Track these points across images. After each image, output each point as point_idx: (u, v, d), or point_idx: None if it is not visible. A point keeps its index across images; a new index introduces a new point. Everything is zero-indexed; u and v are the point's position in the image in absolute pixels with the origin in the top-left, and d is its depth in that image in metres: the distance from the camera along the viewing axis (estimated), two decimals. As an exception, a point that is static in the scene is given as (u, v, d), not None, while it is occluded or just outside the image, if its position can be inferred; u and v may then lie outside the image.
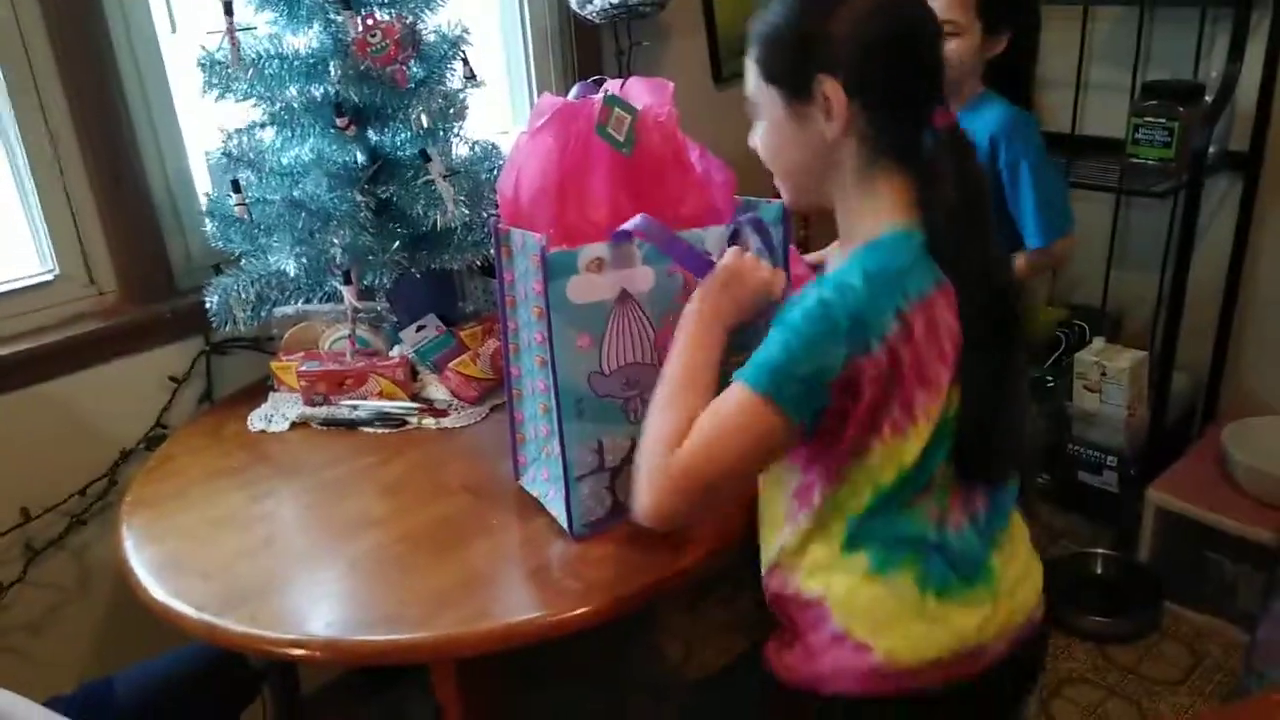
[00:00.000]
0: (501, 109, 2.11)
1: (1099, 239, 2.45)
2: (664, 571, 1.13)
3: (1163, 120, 2.09)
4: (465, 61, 1.56)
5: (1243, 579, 2.05)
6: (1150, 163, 2.12)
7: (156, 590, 1.17)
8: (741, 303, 1.07)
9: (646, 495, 0.96)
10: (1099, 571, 2.22)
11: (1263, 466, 1.99)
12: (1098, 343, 2.27)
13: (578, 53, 2.11)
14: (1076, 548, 2.29)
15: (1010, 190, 1.69)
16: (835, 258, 1.07)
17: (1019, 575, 1.08)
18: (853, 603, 1.01)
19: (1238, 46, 2.05)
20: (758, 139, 1.06)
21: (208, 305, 1.53)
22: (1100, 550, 2.24)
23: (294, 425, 1.52)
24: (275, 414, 1.55)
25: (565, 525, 1.19)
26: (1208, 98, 2.10)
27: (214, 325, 1.55)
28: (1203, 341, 2.32)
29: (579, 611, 1.07)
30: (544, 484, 1.25)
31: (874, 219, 0.99)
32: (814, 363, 0.91)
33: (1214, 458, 2.13)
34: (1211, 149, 2.05)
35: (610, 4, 1.96)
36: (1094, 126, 2.38)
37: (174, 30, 1.57)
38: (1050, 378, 2.29)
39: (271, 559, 1.21)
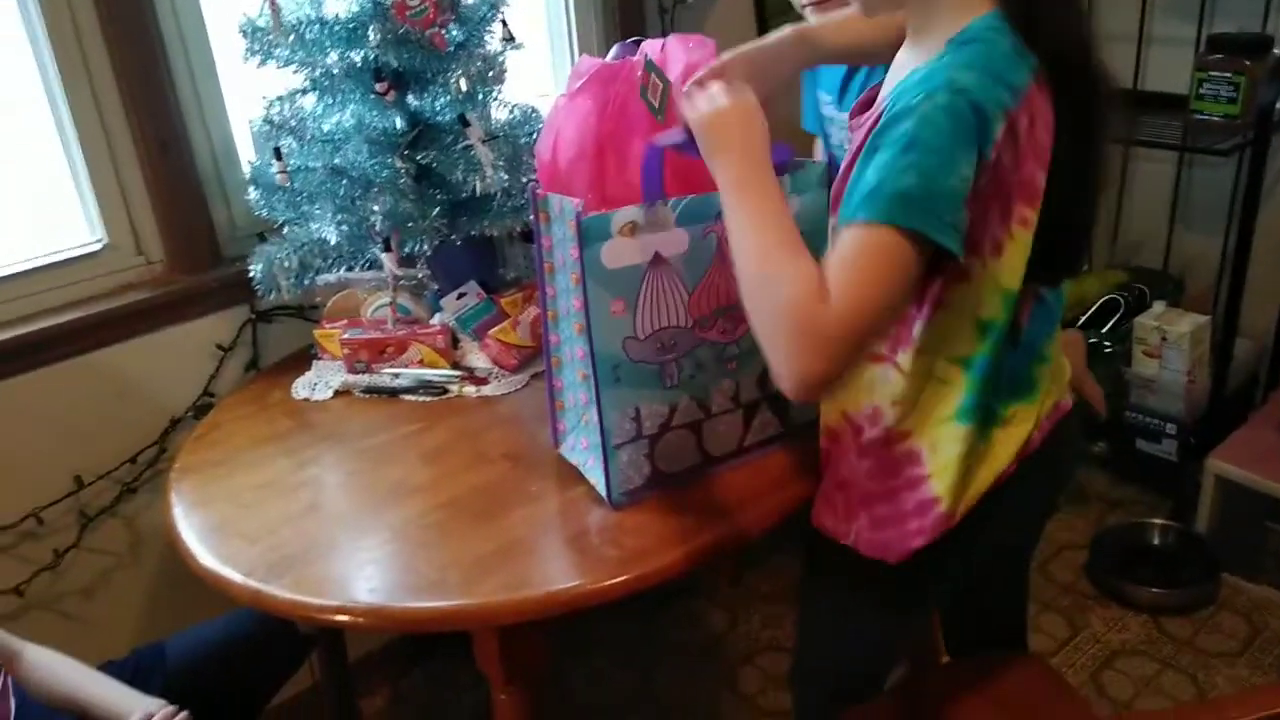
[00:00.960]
0: (543, 71, 2.09)
1: (1161, 199, 2.37)
2: (700, 540, 1.11)
3: (1228, 75, 1.99)
4: (504, 23, 1.53)
5: (1306, 551, 1.99)
6: (1215, 119, 2.03)
7: (204, 556, 1.18)
8: (766, 137, 0.96)
9: (802, 362, 0.84)
10: (1155, 542, 2.17)
11: (1330, 435, 1.92)
12: (1158, 306, 2.20)
13: (620, 13, 2.07)
14: (1133, 518, 2.24)
15: None
16: (901, 65, 0.97)
17: (1055, 374, 1.08)
18: (944, 451, 1.00)
19: (1311, -5, 1.95)
20: None
21: (252, 274, 1.54)
22: (1157, 520, 2.19)
23: (337, 393, 1.53)
24: (319, 382, 1.56)
25: (604, 493, 1.18)
26: (1277, 50, 2.00)
27: (259, 294, 1.56)
28: (1268, 306, 2.24)
29: (618, 580, 1.07)
30: (583, 452, 1.24)
31: (956, 9, 0.90)
32: (955, 175, 0.83)
33: (1277, 426, 2.06)
34: (1279, 104, 1.96)
35: (653, -37, 1.92)
36: (1156, 82, 2.29)
37: (215, -5, 1.56)
38: (1109, 343, 2.22)
39: (316, 525, 1.22)
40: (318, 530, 1.21)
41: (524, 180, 1.54)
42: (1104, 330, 2.26)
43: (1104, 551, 2.13)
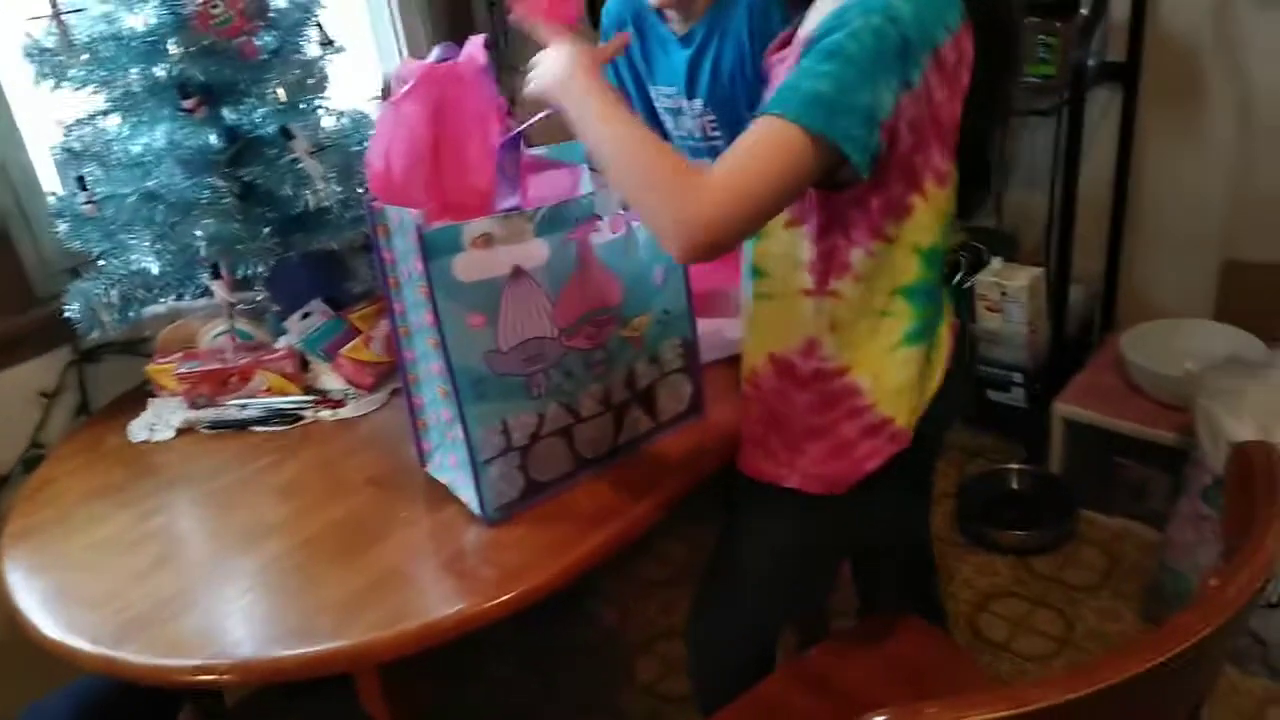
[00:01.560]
0: (371, 74, 2.00)
1: (989, 159, 2.47)
2: (583, 547, 1.09)
3: (1042, 37, 2.09)
4: (320, 27, 1.46)
5: (1151, 481, 2.12)
6: (1033, 80, 2.13)
7: (47, 626, 1.08)
8: (586, 54, 0.99)
9: (687, 212, 0.86)
10: (1015, 486, 2.27)
11: (1160, 369, 2.05)
12: (996, 263, 2.30)
13: (447, 11, 2.01)
14: (992, 464, 2.34)
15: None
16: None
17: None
18: (889, 379, 1.03)
19: (1107, -44, 2.06)
20: None
21: (69, 313, 1.42)
22: (1014, 466, 2.29)
23: (179, 432, 1.43)
24: (158, 422, 1.45)
25: (477, 510, 1.14)
26: (1083, 10, 2.10)
27: (80, 333, 1.44)
28: (1095, 253, 2.37)
29: (499, 600, 1.03)
30: (451, 470, 1.19)
31: None
32: (872, 94, 0.85)
33: (1114, 366, 2.19)
34: (1090, 62, 2.07)
35: (475, -45, 1.86)
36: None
37: (-7, 17, 1.43)
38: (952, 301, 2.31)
39: (166, 579, 1.13)
40: (169, 585, 1.12)
41: (360, 190, 1.47)
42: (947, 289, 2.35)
43: (969, 500, 2.22)
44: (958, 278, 2.34)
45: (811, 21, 0.99)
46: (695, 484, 1.20)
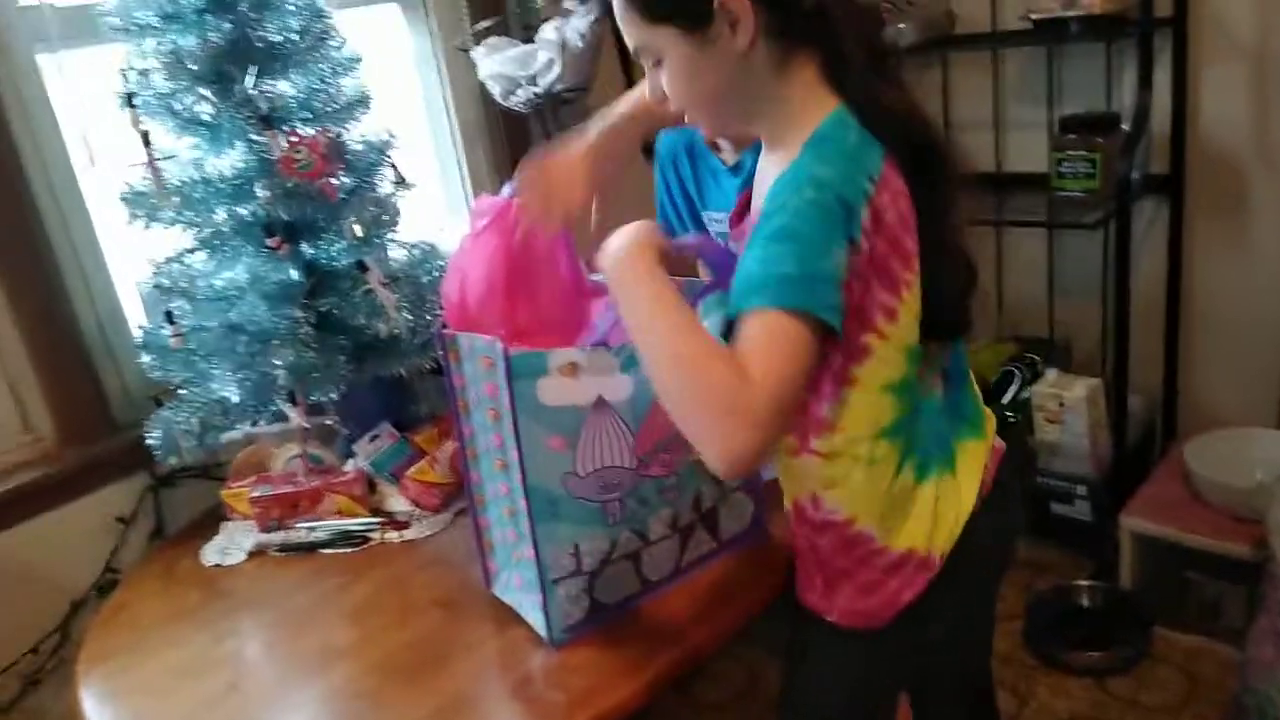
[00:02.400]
0: (437, 207, 2.10)
1: (1037, 271, 2.49)
2: (650, 671, 1.08)
3: (1084, 152, 2.14)
4: (394, 167, 1.54)
5: (1226, 596, 2.05)
6: (1077, 194, 2.16)
7: (121, 753, 1.10)
8: (641, 242, 0.98)
9: (735, 440, 0.85)
10: (1085, 603, 2.20)
11: (1228, 481, 2.00)
12: (1051, 374, 2.29)
13: (508, 144, 2.11)
14: (1059, 580, 2.28)
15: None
16: (764, 171, 1.03)
17: (988, 413, 1.14)
18: (895, 519, 1.03)
19: (1146, 75, 2.12)
20: (663, 86, 1.00)
21: (151, 440, 1.47)
22: (1084, 582, 2.23)
23: (250, 555, 1.46)
24: (230, 545, 1.48)
25: (543, 633, 1.14)
26: (1124, 126, 2.15)
27: (159, 459, 1.49)
28: (1152, 361, 2.35)
29: (568, 726, 1.03)
30: (517, 591, 1.20)
31: (805, 111, 0.96)
32: (829, 260, 0.88)
33: (1179, 476, 2.14)
34: (1134, 175, 2.10)
35: (534, 94, 1.97)
36: (1017, 163, 2.44)
37: (93, 164, 1.53)
38: (1011, 414, 2.30)
39: (238, 707, 1.15)
40: (241, 713, 1.14)
41: (428, 318, 1.53)
42: (1004, 402, 2.34)
43: (1039, 619, 2.15)
44: (1012, 390, 2.35)
45: (758, 192, 1.03)
46: (759, 606, 1.20)
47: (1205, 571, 2.06)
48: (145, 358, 1.50)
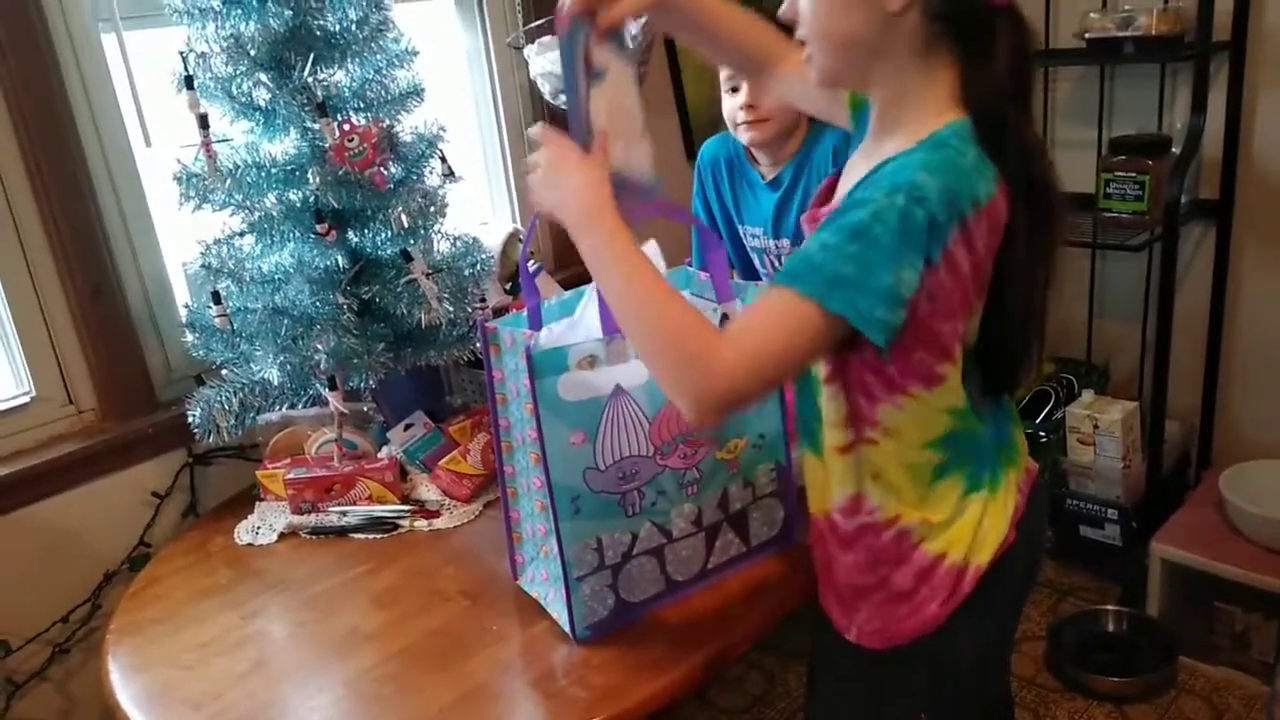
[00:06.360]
0: (481, 201, 2.12)
1: (1079, 291, 2.47)
2: (673, 672, 1.09)
3: (1133, 174, 2.11)
4: (443, 159, 1.56)
5: (1255, 628, 2.01)
6: (1124, 215, 2.14)
7: (146, 724, 1.12)
8: (600, 190, 0.98)
9: (695, 385, 0.89)
10: (1110, 628, 2.18)
11: (1264, 512, 1.97)
12: (1087, 395, 2.27)
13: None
14: (1084, 604, 2.26)
15: None
16: (867, 154, 1.00)
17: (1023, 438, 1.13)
18: (935, 514, 1.02)
19: (1200, 98, 2.09)
20: (802, 4, 0.96)
21: (190, 418, 1.50)
22: (1110, 607, 2.20)
23: (282, 536, 1.48)
24: (262, 525, 1.51)
25: (567, 629, 1.15)
26: (1175, 149, 2.13)
27: (197, 437, 1.51)
28: (1191, 387, 2.32)
29: (588, 722, 1.03)
30: (543, 585, 1.21)
31: (932, 108, 0.93)
32: (895, 275, 0.85)
33: (1214, 505, 2.11)
34: (1183, 199, 2.08)
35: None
36: (1064, 182, 2.40)
37: (148, 144, 1.56)
38: (1044, 433, 2.28)
39: (263, 684, 1.16)
40: (266, 690, 1.15)
41: (468, 309, 1.54)
42: (1038, 421, 2.32)
43: (1062, 642, 2.13)
44: (1046, 410, 2.33)
45: (852, 177, 1.00)
46: (784, 613, 1.20)
47: (1235, 602, 2.03)
48: (189, 337, 1.53)
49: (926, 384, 0.96)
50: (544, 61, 1.88)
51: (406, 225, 1.46)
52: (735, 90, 1.57)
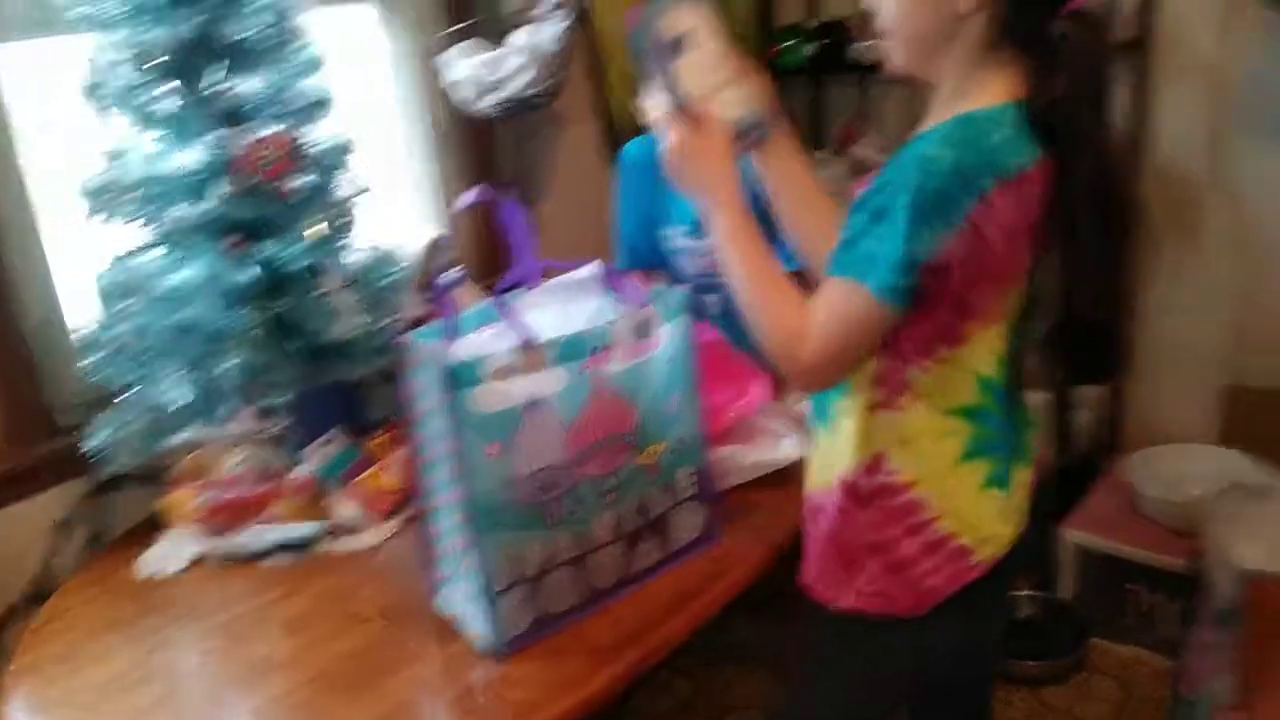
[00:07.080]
0: (407, 209, 2.08)
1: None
2: (593, 684, 1.08)
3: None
4: (353, 169, 1.52)
5: (1161, 608, 2.09)
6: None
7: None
8: (727, 164, 1.10)
9: (790, 375, 1.06)
10: (1026, 613, 2.24)
11: (1167, 496, 2.05)
12: (999, 388, 2.32)
13: (475, 149, 2.10)
14: (1002, 591, 2.31)
15: None
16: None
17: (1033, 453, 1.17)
18: (951, 495, 1.05)
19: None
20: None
21: (93, 445, 1.44)
22: (1023, 592, 2.26)
23: (192, 564, 1.43)
24: (170, 553, 1.44)
25: (487, 644, 1.14)
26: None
27: (102, 463, 1.46)
28: (1097, 377, 2.40)
29: (506, 738, 1.02)
30: (463, 602, 1.20)
31: (979, 99, 0.98)
32: (914, 246, 0.92)
33: (1120, 491, 2.19)
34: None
35: (502, 99, 1.96)
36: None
37: (38, 157, 1.50)
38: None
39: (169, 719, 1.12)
40: (171, 727, 1.11)
41: (384, 322, 1.51)
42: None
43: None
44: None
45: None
46: (708, 616, 1.21)
47: (1143, 583, 2.11)
48: (90, 358, 1.46)
49: (952, 344, 1.01)
50: (464, 67, 1.86)
51: (317, 236, 1.42)
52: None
